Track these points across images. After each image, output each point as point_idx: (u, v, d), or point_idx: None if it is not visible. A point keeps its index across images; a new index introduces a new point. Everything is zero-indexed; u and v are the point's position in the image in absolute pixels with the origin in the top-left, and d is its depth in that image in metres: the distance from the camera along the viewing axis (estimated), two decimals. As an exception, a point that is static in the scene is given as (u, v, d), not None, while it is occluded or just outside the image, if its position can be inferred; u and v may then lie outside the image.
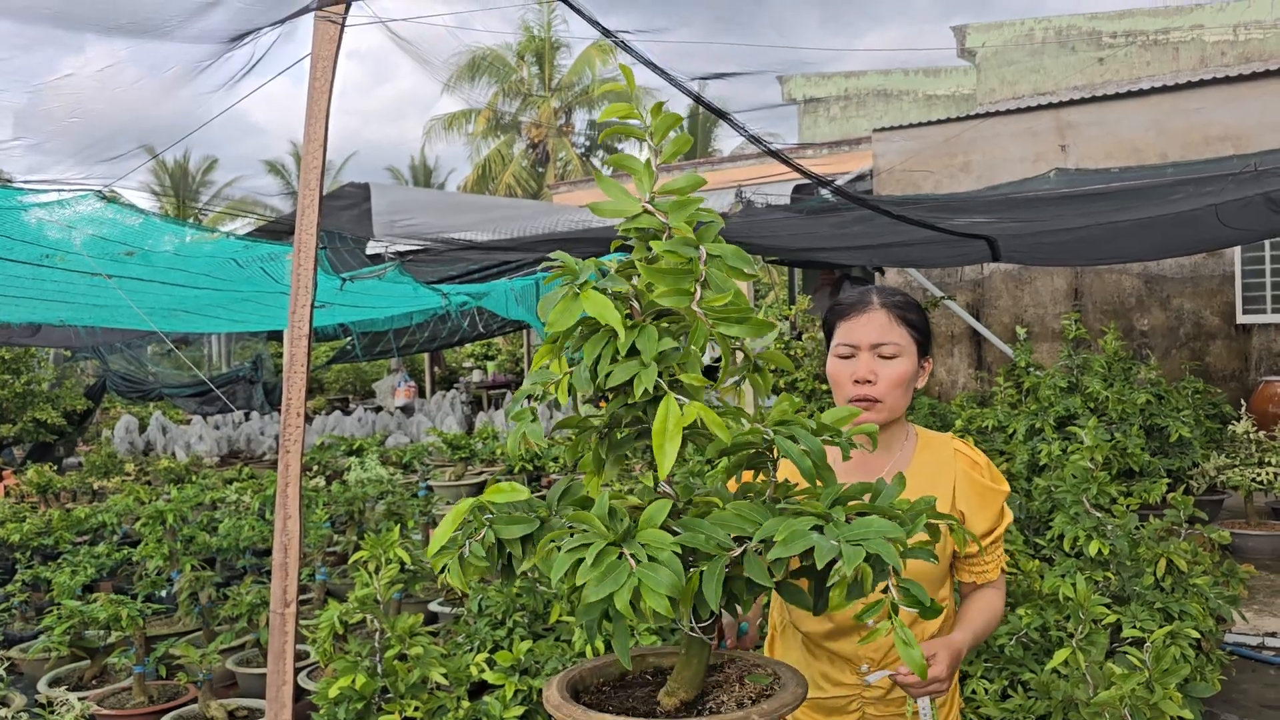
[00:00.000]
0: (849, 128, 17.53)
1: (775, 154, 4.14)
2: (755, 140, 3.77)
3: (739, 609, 1.29)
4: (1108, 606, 3.13)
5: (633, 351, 1.23)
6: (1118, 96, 10.68)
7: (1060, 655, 2.94)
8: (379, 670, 3.68)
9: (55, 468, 10.40)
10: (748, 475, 1.43)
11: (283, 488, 2.63)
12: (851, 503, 1.26)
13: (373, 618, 3.76)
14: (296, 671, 4.73)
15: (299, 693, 4.52)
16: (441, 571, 1.34)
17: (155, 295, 6.13)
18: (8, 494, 9.90)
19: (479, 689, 4.20)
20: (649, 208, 1.32)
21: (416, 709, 3.53)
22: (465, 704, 3.60)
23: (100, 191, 3.37)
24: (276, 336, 12.58)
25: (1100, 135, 10.48)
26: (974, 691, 3.41)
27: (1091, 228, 5.52)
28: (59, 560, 6.09)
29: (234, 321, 8.64)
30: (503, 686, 3.74)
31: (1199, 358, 10.24)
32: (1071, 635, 3.04)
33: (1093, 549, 3.53)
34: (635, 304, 1.31)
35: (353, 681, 3.56)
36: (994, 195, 5.82)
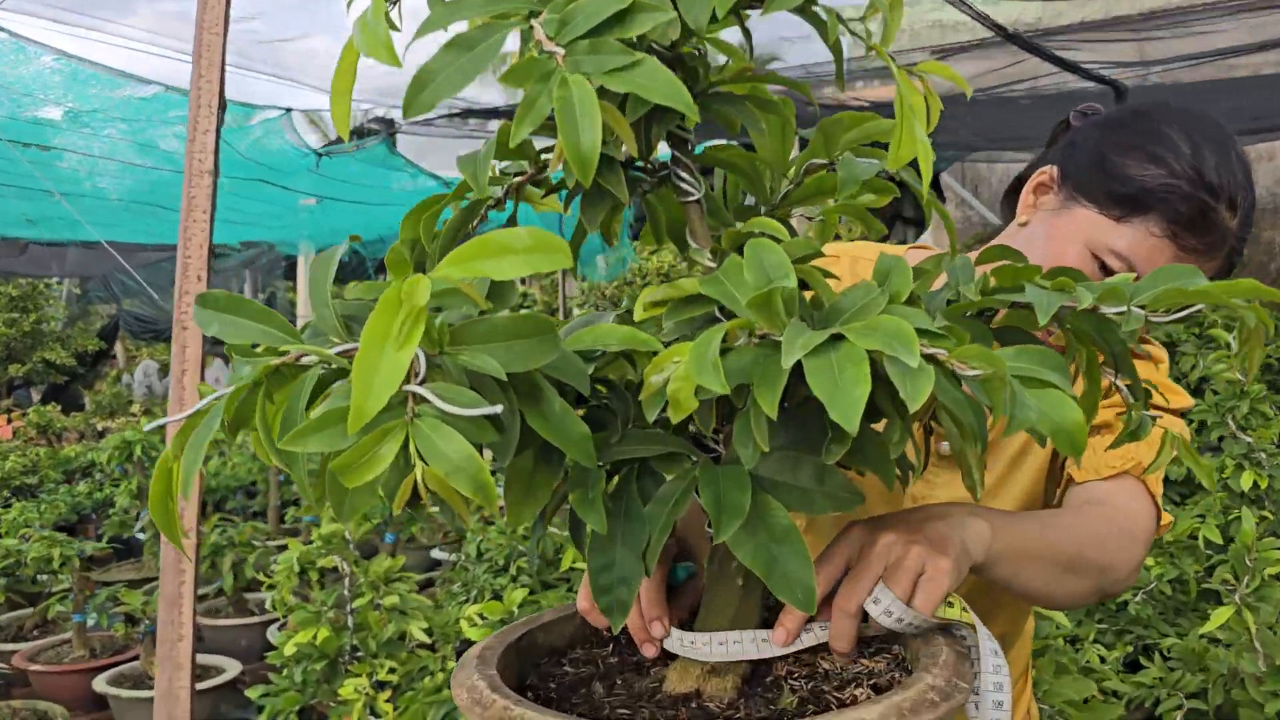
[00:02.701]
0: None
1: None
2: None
3: None
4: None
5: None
6: (1205, 8, 9.68)
7: (1221, 614, 2.21)
8: (349, 624, 3.04)
9: (63, 410, 9.93)
10: None
11: (178, 376, 1.96)
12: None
13: (342, 560, 3.13)
14: (269, 624, 4.13)
15: (265, 647, 3.91)
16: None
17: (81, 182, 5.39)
18: (16, 435, 9.46)
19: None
20: None
21: (392, 670, 2.88)
22: (451, 664, 2.95)
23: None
24: (291, 274, 11.96)
25: (1187, 48, 9.50)
26: (1089, 661, 2.70)
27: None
28: (38, 500, 5.55)
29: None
30: (497, 645, 3.07)
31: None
32: (1233, 590, 2.31)
33: (1245, 481, 2.78)
34: None
35: (314, 636, 2.92)
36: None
